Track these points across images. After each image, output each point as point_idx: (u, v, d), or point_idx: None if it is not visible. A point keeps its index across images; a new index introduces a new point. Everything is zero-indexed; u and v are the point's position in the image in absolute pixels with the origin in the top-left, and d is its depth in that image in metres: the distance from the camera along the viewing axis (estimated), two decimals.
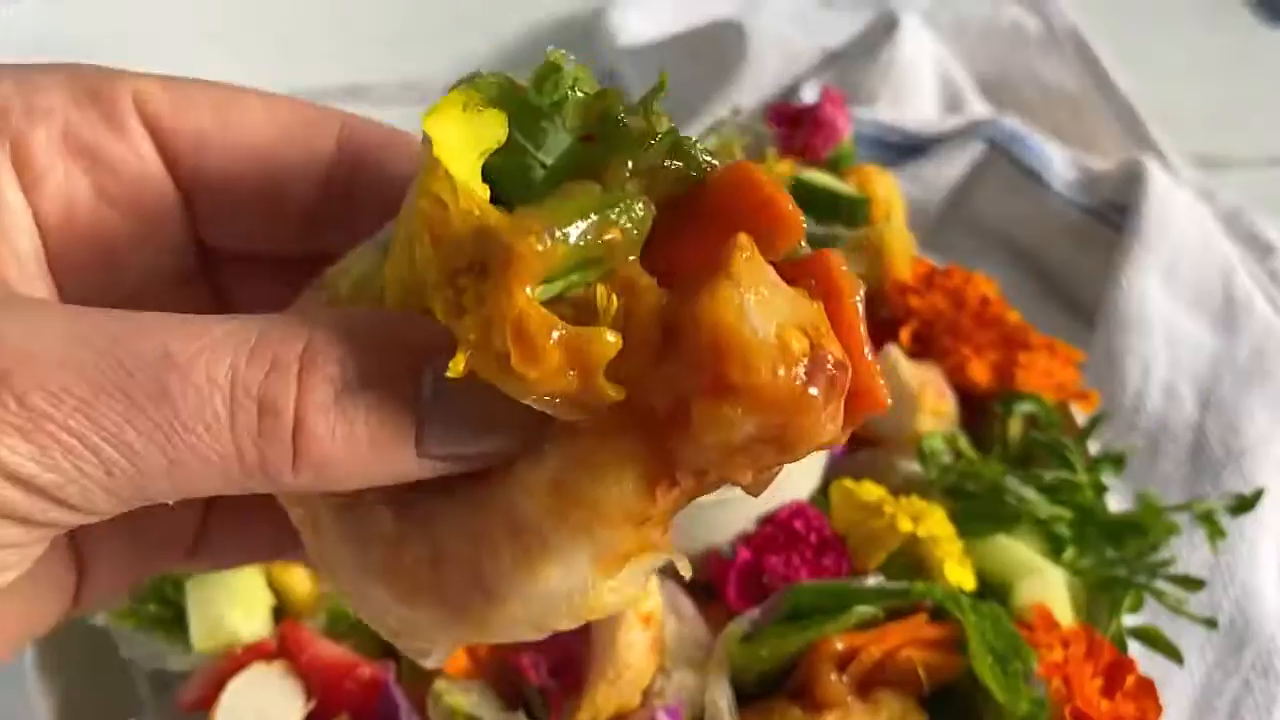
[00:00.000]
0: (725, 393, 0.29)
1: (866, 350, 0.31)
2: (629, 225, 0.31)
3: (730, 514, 0.62)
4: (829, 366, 0.30)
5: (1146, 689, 0.59)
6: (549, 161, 0.33)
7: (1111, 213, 1.08)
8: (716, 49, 1.27)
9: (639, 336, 0.30)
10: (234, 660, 0.57)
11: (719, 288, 0.29)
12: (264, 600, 0.60)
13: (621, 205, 0.31)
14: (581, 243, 0.30)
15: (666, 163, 0.32)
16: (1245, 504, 0.67)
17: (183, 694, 0.59)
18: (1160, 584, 0.66)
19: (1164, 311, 0.97)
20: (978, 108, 1.27)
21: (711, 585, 0.64)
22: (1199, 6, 1.66)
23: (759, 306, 0.30)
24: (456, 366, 0.30)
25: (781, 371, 0.29)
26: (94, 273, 0.38)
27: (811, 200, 0.79)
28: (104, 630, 0.61)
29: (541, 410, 0.30)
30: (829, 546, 0.63)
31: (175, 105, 0.38)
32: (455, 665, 0.57)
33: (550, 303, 0.30)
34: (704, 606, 0.63)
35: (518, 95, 0.32)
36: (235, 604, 0.59)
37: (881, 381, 0.31)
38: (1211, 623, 0.65)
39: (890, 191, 0.83)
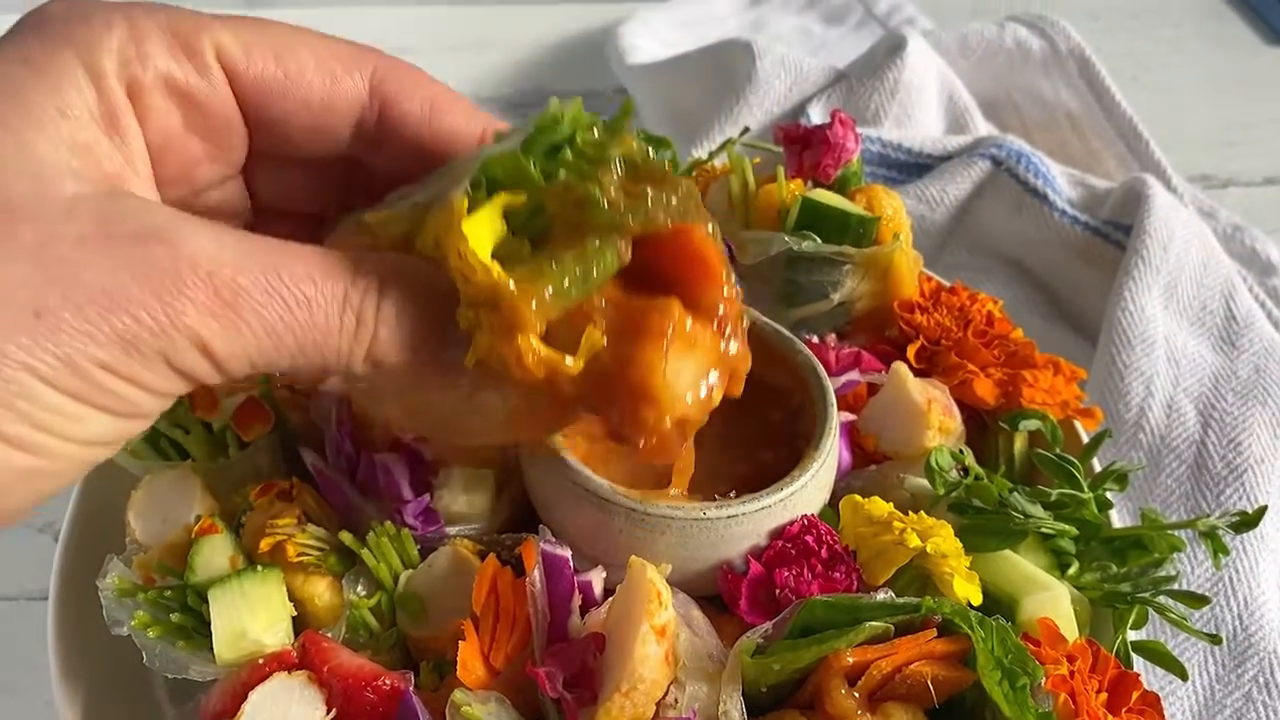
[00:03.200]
0: (641, 419, 0.49)
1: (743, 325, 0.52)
2: (601, 273, 0.48)
3: (742, 528, 0.63)
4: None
5: (1152, 704, 0.60)
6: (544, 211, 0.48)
7: (1114, 231, 1.09)
8: (725, 68, 1.28)
9: (593, 364, 0.48)
10: (256, 670, 0.58)
11: (650, 358, 0.48)
12: (286, 611, 0.61)
13: (597, 262, 0.47)
14: (564, 294, 0.47)
15: (638, 223, 0.47)
16: (1248, 521, 0.68)
17: (205, 704, 0.60)
18: (1164, 600, 0.67)
19: (1166, 329, 0.98)
20: (982, 127, 1.28)
21: (724, 598, 0.65)
22: (1201, 27, 1.68)
23: (677, 374, 0.49)
24: (468, 361, 0.47)
25: (687, 407, 0.50)
26: (176, 187, 0.50)
27: (821, 220, 0.80)
28: (127, 640, 0.62)
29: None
30: (839, 560, 0.64)
31: (247, 56, 0.48)
32: (473, 677, 0.58)
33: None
34: (716, 620, 0.64)
35: (520, 166, 0.47)
36: (257, 615, 0.60)
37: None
38: (1215, 639, 0.66)
39: (897, 211, 0.84)
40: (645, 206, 0.47)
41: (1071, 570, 0.70)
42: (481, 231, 0.46)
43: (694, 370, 0.50)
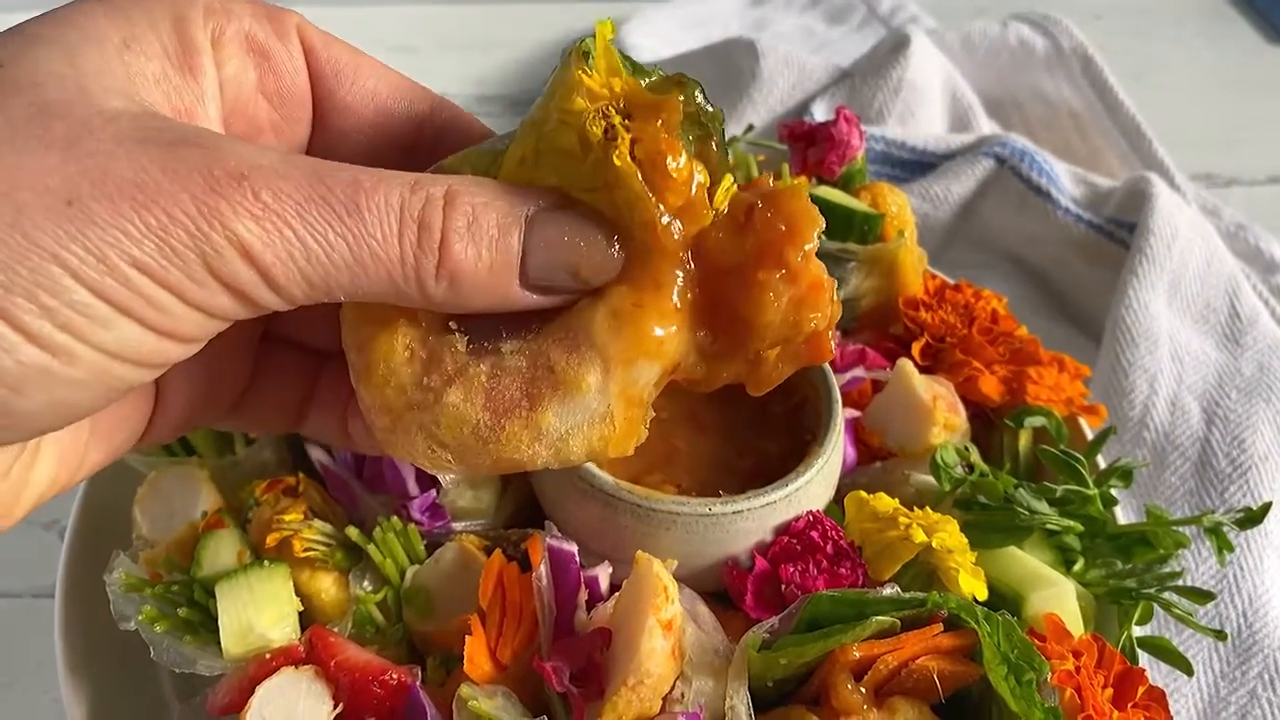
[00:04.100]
0: (784, 259, 0.45)
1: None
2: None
3: (748, 524, 0.63)
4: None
5: (1157, 699, 0.60)
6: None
7: (1118, 229, 1.09)
8: (729, 66, 1.28)
9: (731, 202, 0.46)
10: (263, 665, 0.58)
11: (795, 189, 0.47)
12: (293, 606, 0.62)
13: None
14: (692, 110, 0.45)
15: (718, 135, 0.46)
16: (1253, 517, 0.68)
17: (212, 698, 0.60)
18: (1169, 596, 0.67)
19: (1170, 326, 0.98)
20: (985, 125, 1.28)
21: (729, 594, 0.65)
22: (1204, 26, 1.68)
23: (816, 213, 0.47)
24: (623, 158, 0.43)
25: (819, 265, 0.46)
26: None
27: (825, 217, 0.80)
28: (133, 636, 0.62)
29: (643, 229, 0.44)
30: (845, 556, 0.64)
31: (325, 42, 0.49)
32: (479, 672, 0.58)
33: None
34: (722, 616, 0.64)
35: (622, 54, 0.45)
36: (265, 610, 0.60)
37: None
38: (1221, 635, 0.66)
39: (902, 208, 0.84)
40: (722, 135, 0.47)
41: (1077, 566, 0.70)
42: (605, 39, 0.44)
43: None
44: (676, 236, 0.45)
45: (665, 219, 0.45)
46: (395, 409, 0.47)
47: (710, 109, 0.46)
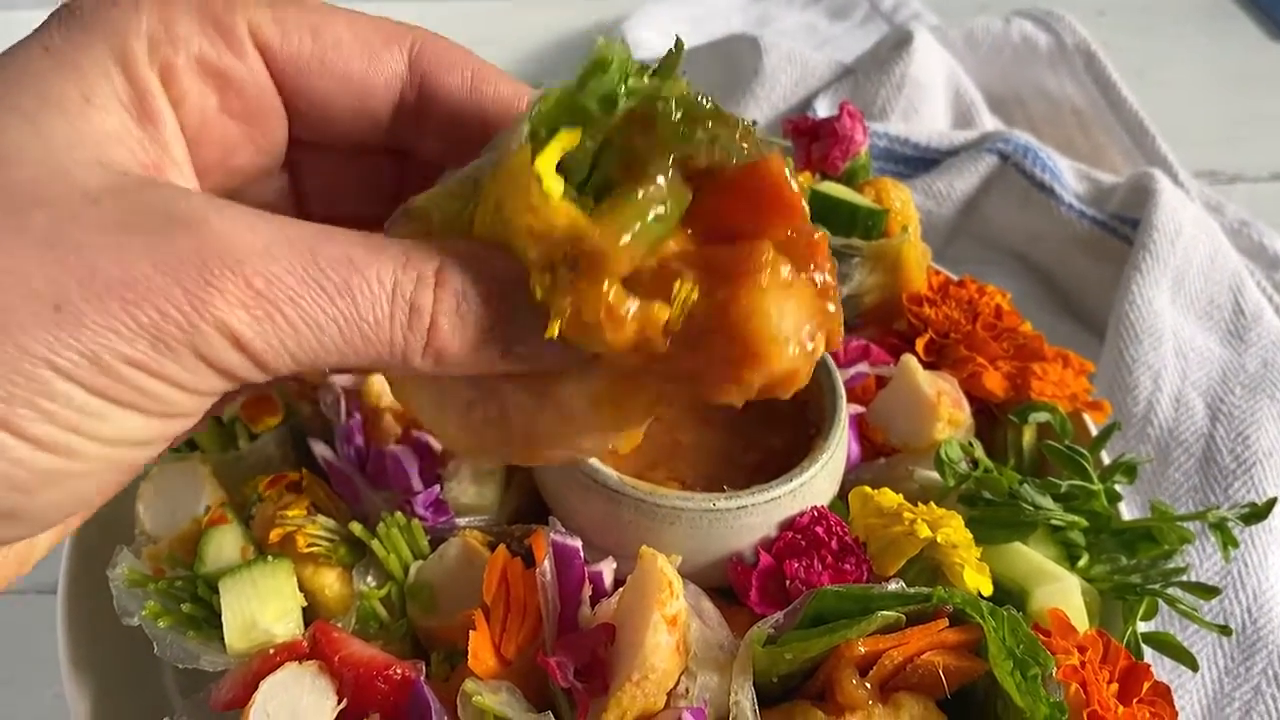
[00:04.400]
0: (743, 381, 0.42)
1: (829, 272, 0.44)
2: (673, 213, 0.42)
3: (752, 519, 0.63)
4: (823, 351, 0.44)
5: (1162, 694, 0.60)
6: (598, 150, 0.43)
7: (1121, 225, 1.09)
8: (732, 62, 1.28)
9: (686, 321, 0.42)
10: (267, 660, 0.58)
11: (753, 299, 0.41)
12: (296, 601, 0.61)
13: (668, 200, 0.42)
14: (647, 230, 0.41)
15: (705, 150, 0.42)
16: (1258, 513, 0.68)
17: (216, 693, 0.60)
18: (1174, 591, 0.67)
19: (1174, 323, 0.98)
20: (988, 122, 1.28)
21: (734, 589, 0.65)
22: (1206, 23, 1.68)
23: (781, 316, 0.42)
24: (551, 331, 0.41)
25: (791, 360, 0.42)
26: (215, 176, 0.48)
27: (829, 212, 0.80)
28: (136, 632, 0.62)
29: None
30: (849, 551, 0.64)
31: (282, 33, 0.46)
32: (484, 667, 0.58)
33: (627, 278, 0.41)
34: (726, 612, 0.64)
35: (576, 103, 0.41)
36: (268, 605, 0.60)
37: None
38: (1226, 630, 0.66)
39: (906, 204, 0.84)
40: (712, 133, 0.42)
41: (1081, 562, 0.70)
42: (548, 176, 0.41)
43: (795, 317, 0.43)
44: (629, 364, 0.43)
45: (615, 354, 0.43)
46: (420, 424, 0.52)
47: (703, 107, 0.42)
